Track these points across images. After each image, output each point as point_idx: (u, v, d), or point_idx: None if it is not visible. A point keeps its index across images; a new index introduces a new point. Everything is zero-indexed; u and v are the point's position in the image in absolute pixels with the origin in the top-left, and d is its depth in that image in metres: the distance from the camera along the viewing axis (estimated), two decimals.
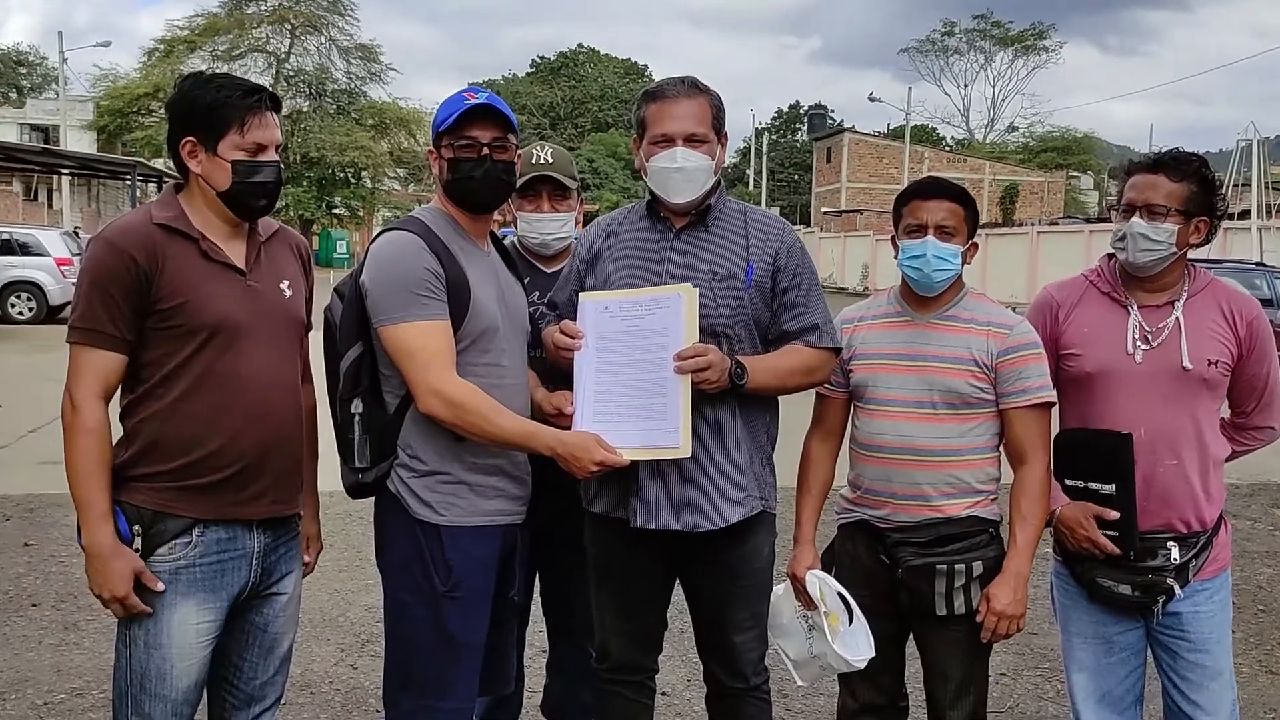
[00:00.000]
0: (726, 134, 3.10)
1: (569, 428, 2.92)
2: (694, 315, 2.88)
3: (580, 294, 3.08)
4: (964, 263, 3.12)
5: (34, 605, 5.82)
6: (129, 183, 35.31)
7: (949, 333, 3.13)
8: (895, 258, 3.18)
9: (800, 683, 3.30)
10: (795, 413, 3.38)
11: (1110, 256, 3.23)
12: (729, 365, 2.91)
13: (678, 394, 2.85)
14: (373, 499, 2.99)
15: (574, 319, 3.05)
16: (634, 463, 2.88)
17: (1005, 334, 3.10)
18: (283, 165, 2.84)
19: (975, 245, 3.18)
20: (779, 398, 3.14)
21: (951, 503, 3.09)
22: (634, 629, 3.21)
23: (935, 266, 3.08)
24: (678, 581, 3.23)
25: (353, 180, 55.49)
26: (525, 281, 3.26)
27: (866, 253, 46.14)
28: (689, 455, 2.85)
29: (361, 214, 57.44)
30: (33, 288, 22.26)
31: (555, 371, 3.13)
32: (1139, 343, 3.11)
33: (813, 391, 3.26)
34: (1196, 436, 3.11)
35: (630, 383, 2.91)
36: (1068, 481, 3.17)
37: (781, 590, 3.25)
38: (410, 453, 2.89)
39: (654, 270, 3.04)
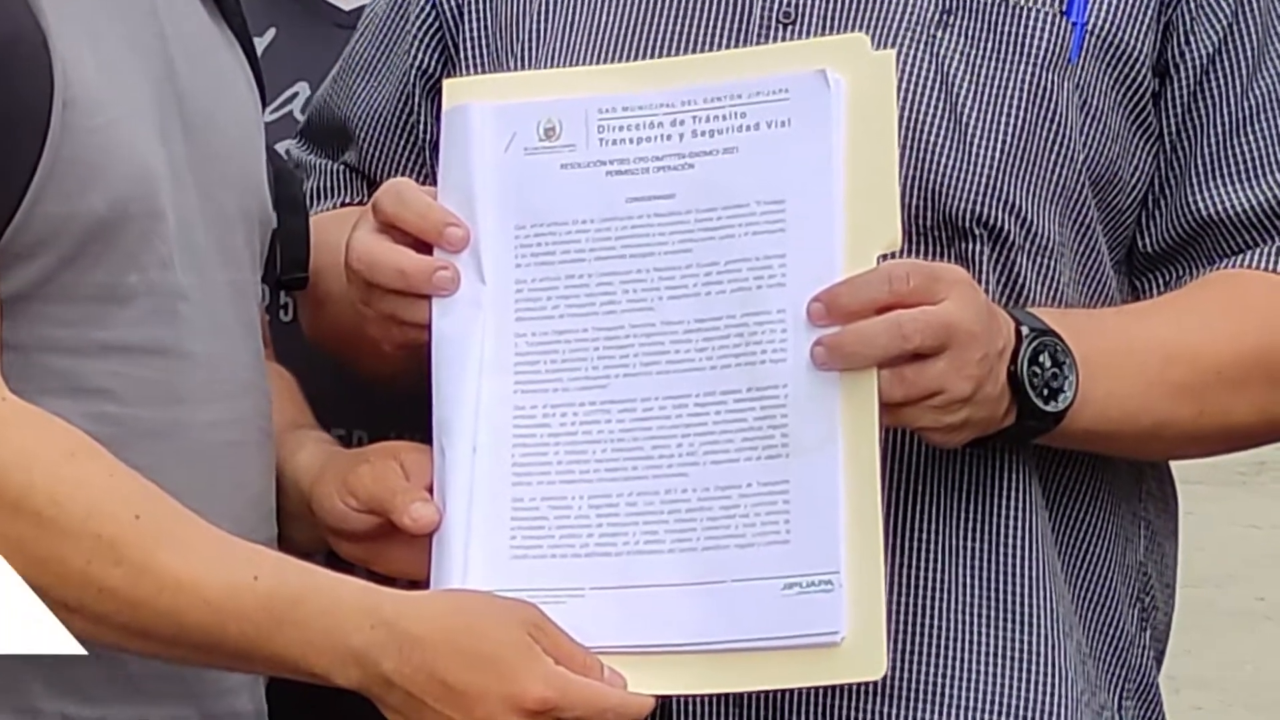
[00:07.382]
0: None
1: (418, 580, 0.95)
2: (885, 153, 0.91)
3: (447, 81, 1.04)
4: None
5: None
6: None
7: None
8: None
9: None
10: (1234, 526, 1.69)
11: None
12: (1006, 344, 0.92)
13: (833, 452, 0.89)
14: None
15: (423, 171, 1.08)
16: (664, 710, 0.94)
17: None
18: None
19: None
20: (1172, 466, 1.13)
21: None
22: None
23: None
24: None
25: None
26: (264, 46, 1.22)
27: None
28: (880, 676, 0.89)
29: None
30: None
31: (365, 378, 1.15)
32: None
33: None
34: None
35: (643, 410, 0.93)
36: None
37: None
38: None
39: None
